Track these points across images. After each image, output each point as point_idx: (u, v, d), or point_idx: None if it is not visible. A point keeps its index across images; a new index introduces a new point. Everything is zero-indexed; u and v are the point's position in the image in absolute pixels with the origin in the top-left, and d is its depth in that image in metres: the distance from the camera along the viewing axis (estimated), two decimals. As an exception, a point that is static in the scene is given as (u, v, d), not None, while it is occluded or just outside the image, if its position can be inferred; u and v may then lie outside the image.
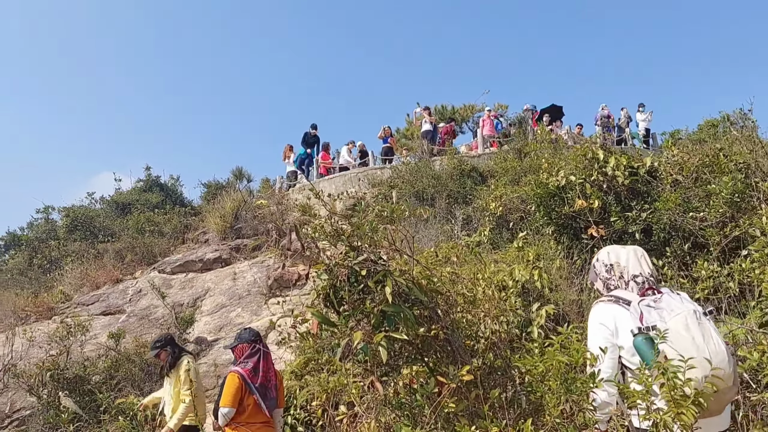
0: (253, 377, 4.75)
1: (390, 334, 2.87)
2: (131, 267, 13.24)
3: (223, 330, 10.66)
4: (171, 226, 15.00)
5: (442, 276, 3.58)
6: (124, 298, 11.85)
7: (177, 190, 18.94)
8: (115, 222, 15.79)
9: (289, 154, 18.54)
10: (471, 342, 3.47)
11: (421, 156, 15.29)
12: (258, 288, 11.81)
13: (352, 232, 3.13)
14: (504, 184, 12.40)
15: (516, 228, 10.44)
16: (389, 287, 2.93)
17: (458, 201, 12.92)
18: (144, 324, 10.79)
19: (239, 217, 14.32)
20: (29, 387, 8.29)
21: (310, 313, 3.14)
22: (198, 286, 12.15)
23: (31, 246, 15.63)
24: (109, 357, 9.11)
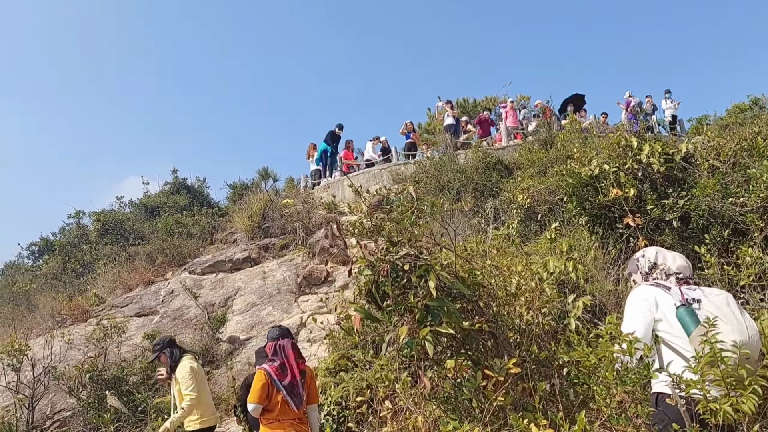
0: (280, 374, 4.78)
1: (436, 328, 2.85)
2: (162, 269, 13.42)
3: (255, 329, 10.74)
4: (199, 228, 15.17)
5: (483, 269, 3.54)
6: (156, 300, 12.01)
7: (204, 191, 19.15)
8: (144, 225, 16.03)
9: (312, 153, 18.59)
10: (514, 335, 3.44)
11: (445, 150, 15.23)
12: (287, 286, 11.88)
13: (392, 227, 3.11)
14: (530, 175, 12.29)
15: (544, 220, 10.34)
16: (433, 281, 2.91)
17: (484, 194, 12.83)
18: (177, 324, 10.93)
19: (266, 217, 14.41)
20: (69, 389, 8.45)
21: (352, 309, 3.13)
22: (228, 285, 12.27)
23: (64, 251, 15.93)
24: (145, 357, 9.24)
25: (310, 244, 13.09)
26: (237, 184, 18.98)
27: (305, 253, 13.02)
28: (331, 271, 12.35)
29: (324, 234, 13.17)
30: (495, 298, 3.42)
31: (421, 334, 2.85)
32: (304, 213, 14.22)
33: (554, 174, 11.76)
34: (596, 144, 8.00)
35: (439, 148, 16.27)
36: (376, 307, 3.20)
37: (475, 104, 21.55)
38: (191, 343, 9.80)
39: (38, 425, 8.44)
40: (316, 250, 12.83)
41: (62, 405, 8.88)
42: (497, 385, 3.05)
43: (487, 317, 3.18)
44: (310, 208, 14.69)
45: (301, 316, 10.88)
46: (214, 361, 9.74)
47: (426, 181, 13.52)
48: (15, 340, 8.33)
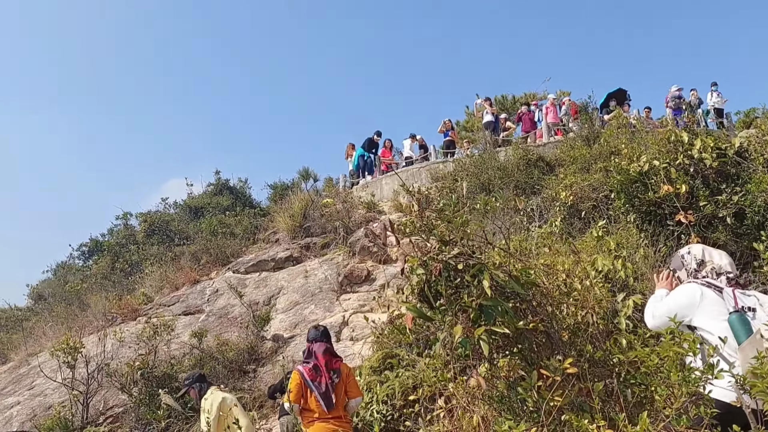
0: (313, 375, 4.96)
1: (491, 327, 2.85)
2: (207, 268, 13.69)
3: (298, 327, 10.87)
4: (242, 228, 15.43)
5: (536, 267, 3.52)
6: (202, 299, 12.27)
7: (245, 192, 19.47)
8: (189, 225, 16.39)
9: (351, 152, 18.69)
10: (568, 334, 3.40)
11: (485, 147, 15.12)
12: (329, 285, 11.98)
13: (445, 226, 3.12)
14: (573, 172, 12.11)
15: (588, 217, 10.18)
16: (487, 281, 2.90)
17: (526, 191, 12.70)
18: (223, 322, 11.14)
19: (307, 216, 14.57)
20: (121, 385, 8.69)
21: (405, 308, 3.15)
22: (271, 284, 12.44)
23: (113, 251, 16.42)
24: (193, 355, 9.45)
25: (350, 243, 13.18)
26: (277, 185, 19.25)
27: (345, 252, 13.12)
28: (371, 269, 12.41)
29: (364, 233, 13.25)
30: (548, 297, 3.39)
31: (476, 333, 2.85)
32: (343, 212, 14.33)
33: (598, 170, 11.56)
34: (644, 140, 7.83)
35: (479, 146, 16.17)
36: (428, 306, 3.21)
37: (514, 100, 21.35)
38: (237, 341, 9.98)
39: (92, 420, 8.70)
40: (356, 249, 12.91)
41: (114, 401, 9.15)
42: (552, 385, 3.02)
43: (541, 316, 3.16)
44: (350, 207, 14.79)
45: (344, 314, 10.97)
46: (259, 359, 9.90)
47: (466, 179, 13.46)
48: (70, 339, 8.62)
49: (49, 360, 9.66)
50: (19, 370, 11.30)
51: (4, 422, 9.38)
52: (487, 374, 3.25)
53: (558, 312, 3.48)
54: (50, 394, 9.74)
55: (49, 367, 9.51)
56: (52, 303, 15.06)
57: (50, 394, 9.74)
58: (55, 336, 11.82)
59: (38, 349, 11.63)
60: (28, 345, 12.08)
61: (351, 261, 12.74)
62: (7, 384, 10.84)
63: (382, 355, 7.63)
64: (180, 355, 9.62)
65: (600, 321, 3.53)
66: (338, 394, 5.04)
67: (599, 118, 15.94)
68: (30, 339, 12.50)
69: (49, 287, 16.77)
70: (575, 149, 13.16)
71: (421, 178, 16.07)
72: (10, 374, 11.32)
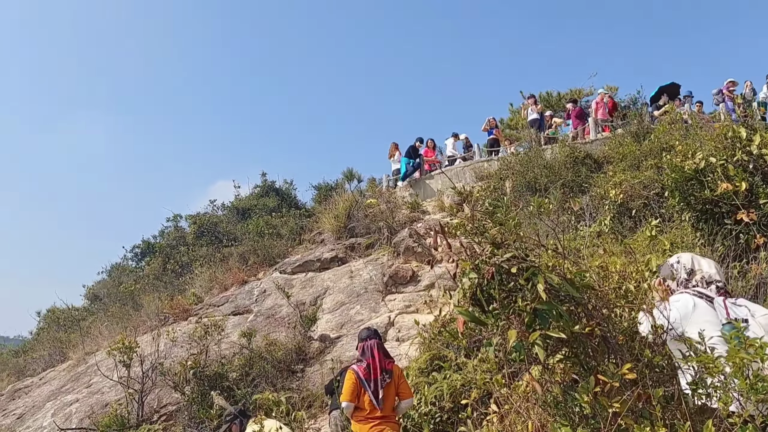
0: (367, 375, 5.10)
1: (546, 332, 2.80)
2: (254, 269, 13.92)
3: (345, 327, 10.94)
4: (288, 228, 15.62)
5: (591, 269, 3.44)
6: (250, 299, 12.48)
7: (291, 193, 19.71)
8: (236, 227, 16.70)
9: (394, 152, 18.68)
10: (625, 338, 3.31)
11: (530, 145, 14.90)
12: (374, 285, 12.01)
13: (497, 229, 3.08)
14: (622, 169, 11.82)
15: (639, 216, 9.91)
16: (542, 284, 2.85)
17: (573, 190, 12.46)
18: (271, 323, 11.30)
19: (351, 217, 14.64)
20: (174, 384, 8.92)
21: (457, 312, 3.12)
22: (317, 285, 12.56)
23: (164, 252, 16.86)
24: (243, 355, 9.62)
25: (394, 244, 13.18)
26: (321, 186, 19.42)
27: (390, 253, 13.13)
28: (416, 270, 12.39)
29: (408, 233, 13.23)
30: (604, 300, 3.31)
31: (532, 338, 2.81)
32: (387, 212, 14.34)
33: (649, 167, 11.25)
34: (699, 135, 7.57)
35: (524, 144, 15.96)
36: (480, 310, 3.18)
37: (559, 97, 20.96)
38: (285, 341, 10.11)
39: (147, 418, 8.95)
40: (400, 250, 12.91)
41: (168, 399, 9.38)
42: (610, 390, 2.95)
43: (597, 320, 3.08)
44: (393, 207, 14.80)
45: (389, 315, 10.98)
46: (307, 359, 10.00)
47: (511, 178, 13.30)
48: (125, 338, 8.89)
49: (105, 359, 9.99)
50: (77, 368, 11.73)
51: (64, 419, 9.75)
52: (540, 378, 3.20)
53: (615, 315, 3.40)
54: (107, 391, 10.07)
55: (105, 366, 9.83)
56: (108, 303, 15.58)
57: (107, 392, 10.07)
58: (110, 335, 12.23)
59: (95, 348, 12.04)
60: (85, 344, 12.52)
61: (395, 261, 12.75)
62: (67, 382, 11.27)
63: (430, 357, 7.61)
64: (230, 355, 9.80)
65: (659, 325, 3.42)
66: (388, 395, 5.14)
67: (648, 114, 15.52)
68: (87, 338, 12.95)
69: (104, 288, 17.35)
70: (624, 146, 12.85)
71: (465, 177, 15.95)
72: (68, 372, 11.76)
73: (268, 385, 8.90)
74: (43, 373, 12.68)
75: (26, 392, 11.86)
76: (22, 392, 11.95)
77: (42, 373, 12.71)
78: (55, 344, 13.60)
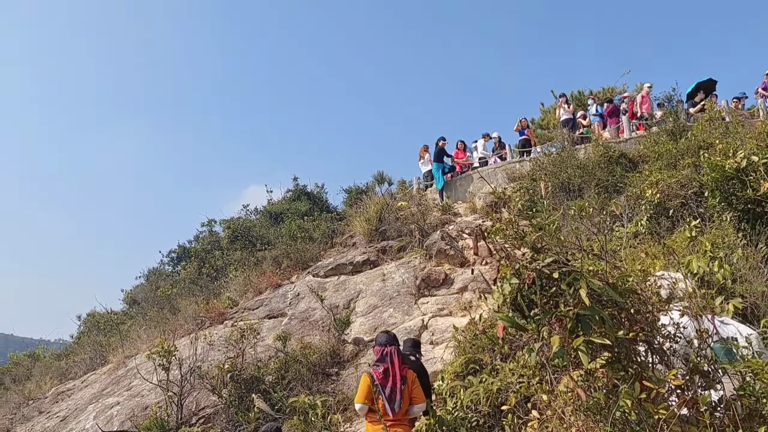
0: (383, 379, 5.25)
1: (590, 338, 2.77)
2: (288, 272, 14.04)
3: (378, 330, 10.95)
4: (320, 232, 15.72)
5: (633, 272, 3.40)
6: (284, 302, 12.59)
7: (322, 197, 19.84)
8: (269, 231, 16.88)
9: (424, 154, 18.63)
10: (669, 342, 3.26)
11: (563, 145, 14.73)
12: (407, 288, 12.00)
13: (537, 234, 3.06)
14: (658, 168, 11.62)
15: (676, 215, 9.72)
16: (584, 289, 2.83)
17: (608, 190, 12.28)
18: (305, 326, 11.39)
19: (383, 220, 14.66)
20: (212, 387, 9.06)
21: (498, 318, 3.11)
22: (350, 288, 12.60)
23: (199, 257, 17.15)
24: (279, 358, 9.71)
25: (426, 246, 13.16)
26: (352, 189, 19.51)
27: (422, 255, 13.11)
28: (449, 273, 12.35)
29: (440, 236, 13.19)
30: (647, 304, 3.26)
31: (575, 344, 2.78)
32: (418, 215, 14.33)
33: (686, 166, 11.04)
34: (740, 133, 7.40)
35: (556, 144, 15.77)
36: (520, 315, 3.16)
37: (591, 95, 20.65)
38: (319, 344, 10.17)
39: (186, 420, 9.09)
40: (432, 252, 12.88)
41: (206, 402, 9.52)
42: (656, 396, 2.91)
43: (641, 324, 3.04)
44: (424, 210, 14.78)
45: (422, 318, 10.96)
46: (341, 362, 10.05)
47: (544, 178, 13.16)
48: (164, 342, 9.06)
49: (144, 362, 10.19)
50: (117, 371, 11.99)
51: (106, 421, 9.97)
52: (583, 384, 3.16)
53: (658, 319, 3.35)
54: (147, 394, 10.26)
55: (144, 369, 10.03)
56: (145, 307, 15.90)
57: (147, 395, 10.26)
58: (149, 339, 12.47)
59: (134, 352, 12.30)
60: (124, 347, 12.79)
61: (428, 264, 12.73)
62: (108, 385, 11.53)
63: (465, 360, 7.57)
64: (266, 358, 9.91)
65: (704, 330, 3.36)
66: (403, 400, 5.31)
67: (684, 111, 15.21)
68: (126, 342, 13.23)
69: (142, 292, 17.72)
70: (660, 144, 12.63)
71: (497, 178, 15.85)
72: (109, 376, 12.03)
73: (304, 388, 8.97)
74: (84, 376, 12.99)
75: (69, 395, 12.17)
76: (64, 395, 12.27)
77: (83, 376, 13.02)
78: (96, 348, 13.92)
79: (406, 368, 5.48)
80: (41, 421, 11.24)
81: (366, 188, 19.53)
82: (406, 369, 5.47)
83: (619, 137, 15.08)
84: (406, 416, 5.41)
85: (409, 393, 5.40)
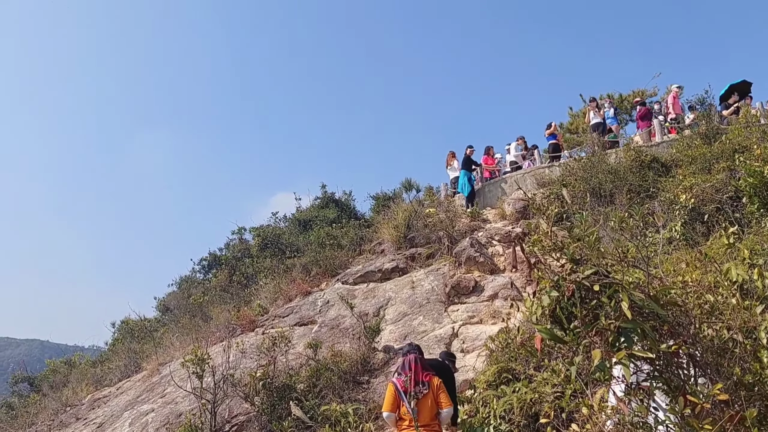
0: (405, 387, 5.51)
1: (633, 352, 2.73)
2: (317, 279, 14.11)
3: (408, 338, 10.92)
4: (348, 239, 15.77)
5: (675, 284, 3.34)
6: (314, 309, 12.65)
7: (350, 204, 19.91)
8: (298, 238, 16.99)
9: (451, 161, 18.61)
10: (713, 356, 3.19)
11: (593, 150, 14.55)
12: (436, 296, 11.97)
13: (576, 245, 3.03)
14: (692, 173, 11.42)
15: (712, 220, 9.53)
16: (626, 302, 2.79)
17: (640, 195, 12.10)
18: (335, 333, 11.42)
19: (411, 227, 14.65)
20: (245, 395, 9.13)
21: (537, 330, 3.09)
22: (379, 295, 12.61)
23: (230, 264, 17.34)
24: (310, 366, 9.75)
25: (455, 253, 13.10)
26: (379, 196, 19.55)
27: (451, 262, 13.05)
28: (479, 280, 12.27)
29: (469, 242, 13.12)
30: (690, 317, 3.20)
31: (618, 357, 2.74)
32: (447, 221, 14.27)
33: (721, 170, 10.83)
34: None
35: (585, 149, 15.60)
36: (559, 327, 3.13)
37: (621, 99, 20.41)
38: (350, 352, 10.19)
39: (219, 428, 9.17)
40: (462, 259, 12.82)
41: (239, 410, 9.60)
42: (700, 411, 2.85)
43: (684, 338, 2.99)
44: (453, 216, 14.71)
45: (453, 326, 10.91)
46: (372, 370, 10.05)
47: (574, 184, 13.02)
48: (198, 350, 9.16)
49: (178, 369, 10.32)
50: (151, 378, 12.17)
51: (141, 428, 10.12)
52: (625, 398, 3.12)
53: (702, 332, 3.28)
54: (180, 401, 10.39)
55: (178, 376, 10.16)
56: (178, 314, 16.11)
57: (180, 402, 10.39)
58: (181, 346, 12.64)
59: (168, 359, 12.47)
60: (158, 355, 12.98)
61: (457, 271, 12.67)
62: (142, 392, 11.71)
63: (498, 369, 7.52)
64: (297, 366, 9.96)
65: (748, 343, 3.28)
66: (424, 405, 5.49)
67: (718, 114, 14.92)
68: (159, 349, 13.43)
69: (175, 299, 17.96)
70: (693, 148, 12.42)
71: (526, 184, 15.72)
72: (143, 383, 12.22)
73: (335, 396, 8.99)
74: (119, 383, 13.21)
75: (105, 402, 12.39)
76: (100, 402, 12.49)
77: (119, 383, 13.25)
78: (130, 355, 14.16)
79: (429, 375, 5.67)
80: (78, 427, 11.46)
81: (393, 195, 19.56)
82: (428, 375, 5.66)
83: (651, 141, 14.85)
84: (436, 421, 5.55)
85: (435, 398, 5.55)
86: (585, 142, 16.03)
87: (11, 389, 17.83)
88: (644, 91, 20.06)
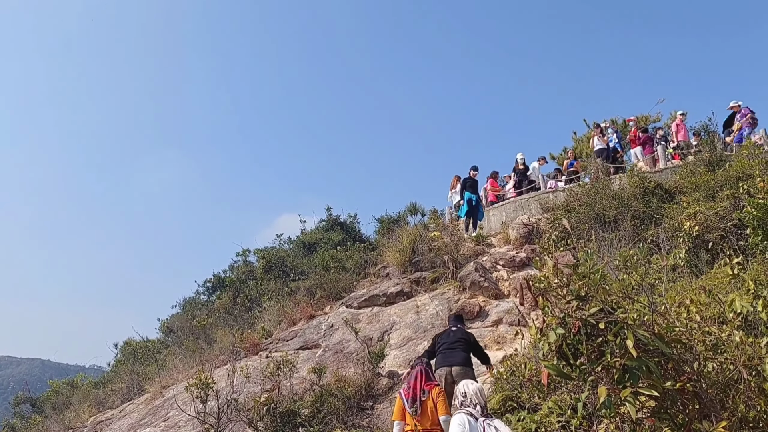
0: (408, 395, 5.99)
1: (638, 389, 2.77)
2: (321, 303, 14.11)
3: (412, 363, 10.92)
4: (353, 262, 15.80)
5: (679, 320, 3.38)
6: (318, 333, 12.65)
7: (355, 227, 19.96)
8: (303, 261, 17.02)
9: (456, 184, 18.68)
10: (717, 392, 3.22)
11: (597, 176, 14.62)
12: (441, 320, 11.94)
13: (582, 283, 3.09)
14: (696, 200, 11.46)
15: (716, 248, 9.56)
16: (631, 340, 2.83)
17: (644, 222, 12.13)
18: (339, 358, 11.42)
19: (416, 251, 14.67)
20: (249, 420, 9.12)
21: (543, 366, 3.13)
22: (384, 320, 12.61)
23: (234, 287, 17.35)
24: (314, 391, 9.74)
25: (460, 278, 13.11)
26: (384, 218, 19.60)
27: (455, 287, 13.05)
28: (483, 305, 12.28)
29: (474, 267, 13.14)
30: (694, 353, 3.24)
31: (623, 395, 2.78)
32: (451, 246, 14.28)
33: (725, 198, 10.87)
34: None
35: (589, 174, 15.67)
36: (566, 363, 3.17)
37: (624, 125, 20.52)
38: (354, 377, 10.17)
39: (222, 452, 9.16)
40: (466, 284, 12.83)
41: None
42: (706, 449, 2.88)
43: (689, 375, 3.02)
44: (457, 240, 14.74)
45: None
46: (376, 395, 10.03)
47: (578, 209, 13.07)
48: (202, 374, 9.17)
49: (181, 392, 10.32)
50: (154, 401, 12.14)
51: (144, 451, 10.10)
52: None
53: (706, 369, 3.32)
54: (183, 425, 10.37)
55: (181, 400, 10.15)
56: (181, 336, 16.10)
57: (183, 426, 10.37)
58: (185, 369, 12.63)
59: (171, 382, 12.45)
60: (161, 377, 12.96)
61: (461, 296, 12.67)
62: (145, 415, 11.69)
63: (502, 397, 7.51)
64: (301, 391, 9.95)
65: (752, 379, 3.31)
66: (425, 410, 5.88)
67: (721, 140, 15.02)
68: (162, 371, 13.41)
69: (178, 321, 17.94)
70: (697, 175, 12.47)
71: (530, 209, 15.79)
72: (146, 406, 12.19)
73: (339, 422, 8.98)
74: (122, 406, 13.18)
75: (107, 425, 12.35)
76: (103, 425, 12.45)
77: (121, 406, 13.21)
78: (133, 377, 14.13)
79: (431, 385, 6.12)
80: (81, 450, 11.43)
81: (398, 218, 19.61)
82: (431, 385, 6.11)
83: (655, 167, 14.93)
84: (436, 427, 5.85)
85: (435, 405, 5.93)
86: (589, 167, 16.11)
87: (13, 410, 17.77)
88: (647, 117, 20.19)
